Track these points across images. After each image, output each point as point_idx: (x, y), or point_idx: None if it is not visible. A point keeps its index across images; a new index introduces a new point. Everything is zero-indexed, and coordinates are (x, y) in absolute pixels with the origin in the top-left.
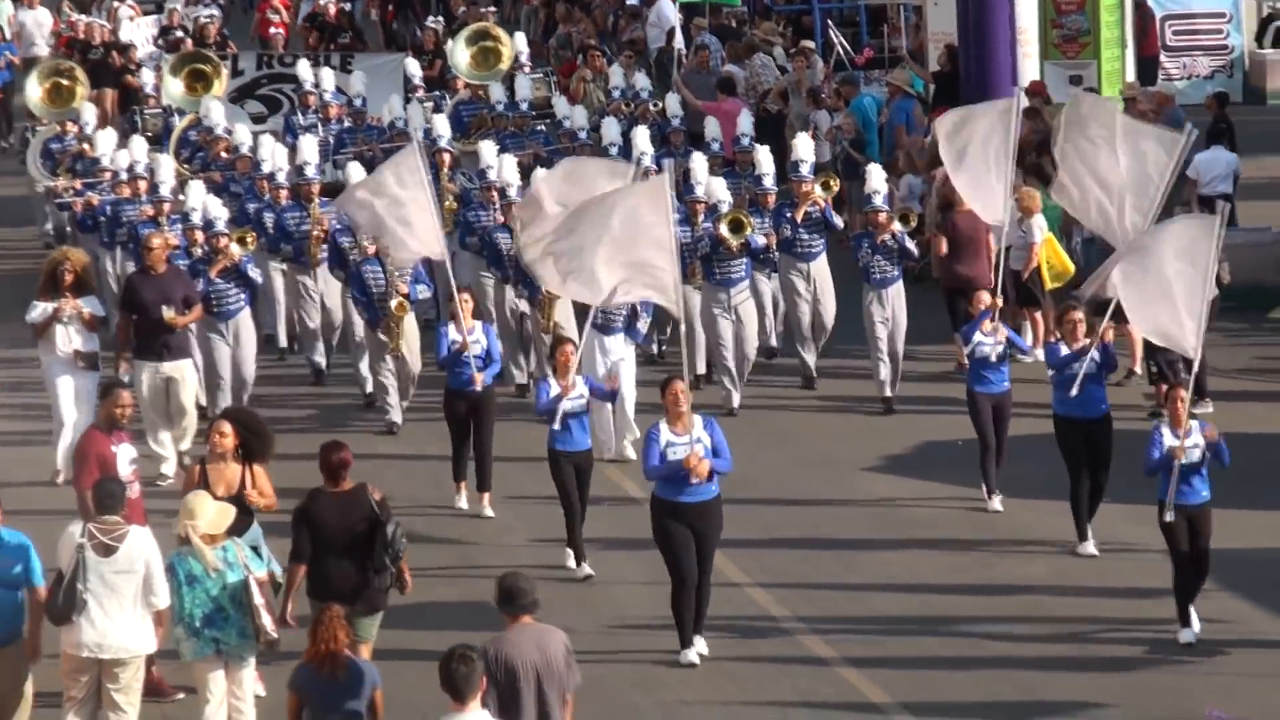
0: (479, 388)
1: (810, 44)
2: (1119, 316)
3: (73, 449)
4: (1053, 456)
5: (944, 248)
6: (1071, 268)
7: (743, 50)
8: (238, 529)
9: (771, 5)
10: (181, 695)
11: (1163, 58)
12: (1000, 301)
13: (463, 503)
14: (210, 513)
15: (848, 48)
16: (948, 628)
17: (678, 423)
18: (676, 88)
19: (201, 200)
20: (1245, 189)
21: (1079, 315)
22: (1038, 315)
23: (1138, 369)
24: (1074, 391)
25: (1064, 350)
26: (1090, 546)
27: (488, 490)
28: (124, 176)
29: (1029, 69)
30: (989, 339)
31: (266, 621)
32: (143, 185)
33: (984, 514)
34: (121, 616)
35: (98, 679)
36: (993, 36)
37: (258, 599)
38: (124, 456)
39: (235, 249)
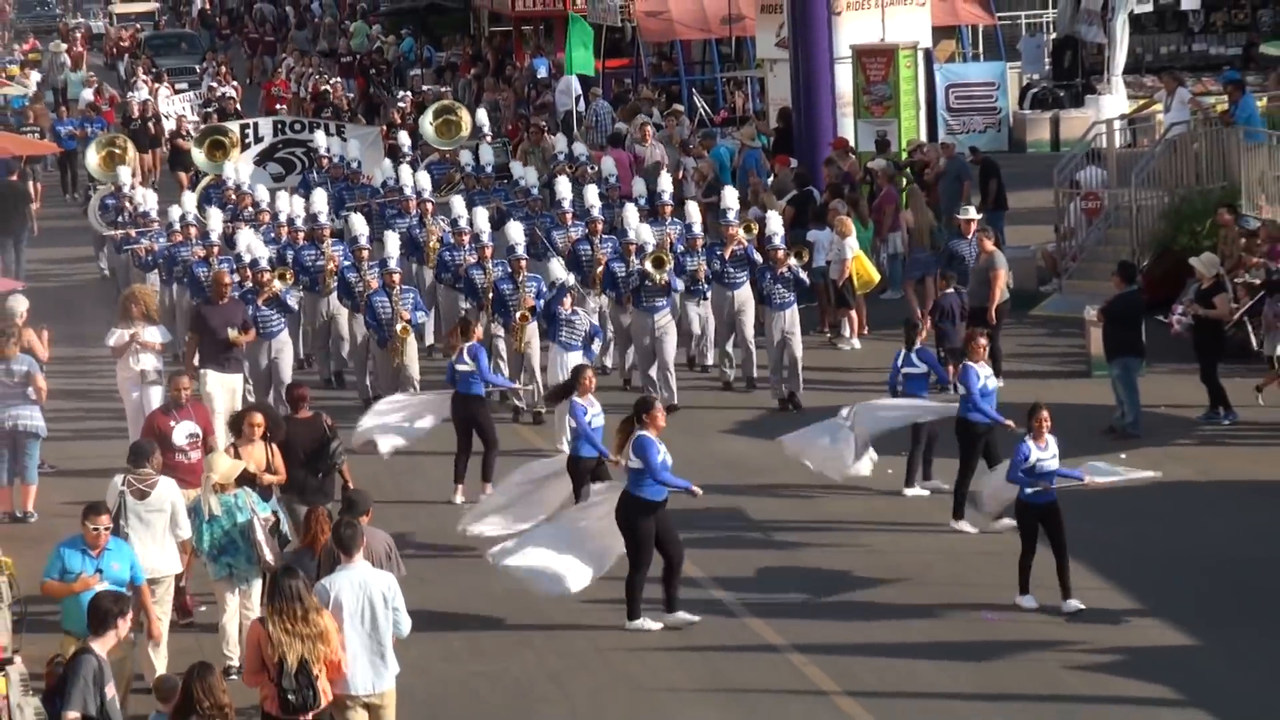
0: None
1: (679, 107)
2: None
3: None
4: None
5: None
6: (877, 277)
7: (628, 112)
8: (264, 496)
9: (650, 78)
10: (204, 607)
11: (947, 116)
12: (925, 333)
13: (459, 499)
14: (224, 467)
15: (708, 109)
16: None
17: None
18: (578, 139)
19: (249, 243)
20: (1011, 217)
21: (984, 342)
22: (852, 313)
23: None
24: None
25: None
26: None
27: (489, 480)
28: (177, 225)
29: (845, 127)
30: (917, 367)
31: (266, 552)
32: (193, 231)
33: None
34: (154, 545)
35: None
36: (818, 101)
37: (260, 535)
38: (181, 431)
39: (277, 283)
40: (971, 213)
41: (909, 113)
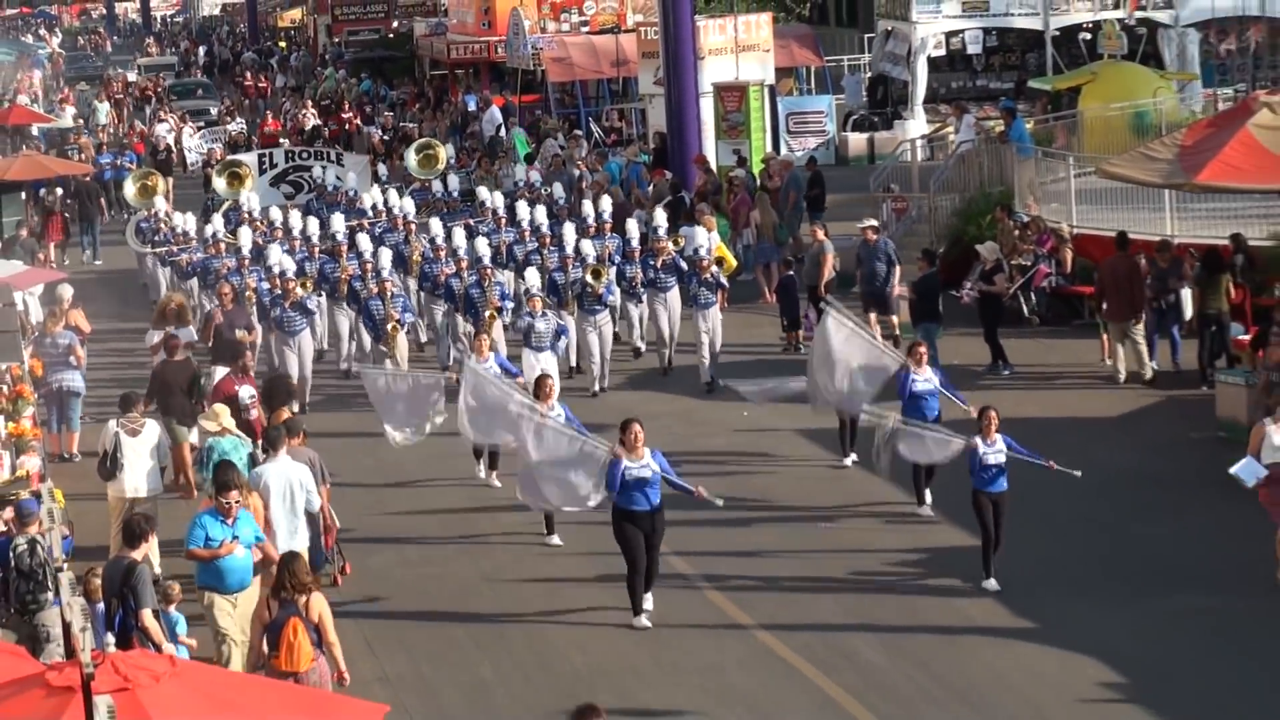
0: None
1: (579, 132)
2: None
3: None
4: None
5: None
6: (734, 263)
7: (540, 136)
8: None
9: (555, 110)
10: None
11: (788, 138)
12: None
13: (481, 474)
14: (224, 415)
15: (601, 134)
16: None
17: (634, 452)
18: (536, 170)
19: (278, 257)
20: (836, 214)
21: (924, 349)
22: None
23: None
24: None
25: (912, 378)
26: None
27: (495, 469)
28: (210, 241)
29: (708, 147)
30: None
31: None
32: (222, 246)
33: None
34: (143, 472)
35: (130, 512)
36: (686, 127)
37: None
38: (245, 393)
39: (299, 290)
40: (870, 223)
41: (758, 135)
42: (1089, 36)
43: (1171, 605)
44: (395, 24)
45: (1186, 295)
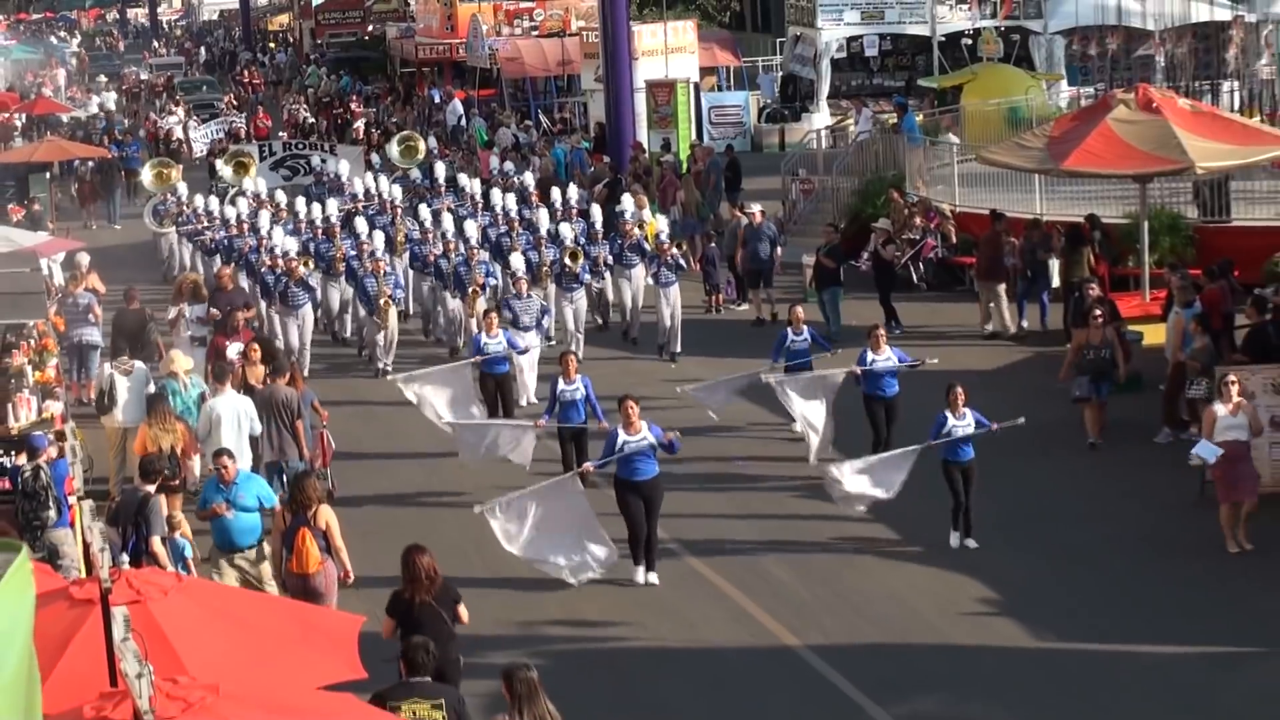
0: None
1: (530, 122)
2: None
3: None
4: None
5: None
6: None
7: (495, 125)
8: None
9: (509, 103)
10: None
11: (710, 129)
12: (802, 314)
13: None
14: (179, 359)
15: (549, 124)
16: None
17: (630, 427)
18: (510, 160)
19: (281, 238)
20: (752, 195)
21: (882, 330)
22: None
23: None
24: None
25: (870, 356)
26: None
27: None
28: (234, 221)
29: (642, 135)
30: (800, 339)
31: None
32: (245, 226)
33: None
34: (132, 406)
35: (123, 439)
36: (623, 118)
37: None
38: (233, 349)
39: (301, 269)
40: (756, 207)
41: (684, 126)
42: (970, 42)
43: (1038, 535)
44: (370, 28)
45: (1054, 265)
